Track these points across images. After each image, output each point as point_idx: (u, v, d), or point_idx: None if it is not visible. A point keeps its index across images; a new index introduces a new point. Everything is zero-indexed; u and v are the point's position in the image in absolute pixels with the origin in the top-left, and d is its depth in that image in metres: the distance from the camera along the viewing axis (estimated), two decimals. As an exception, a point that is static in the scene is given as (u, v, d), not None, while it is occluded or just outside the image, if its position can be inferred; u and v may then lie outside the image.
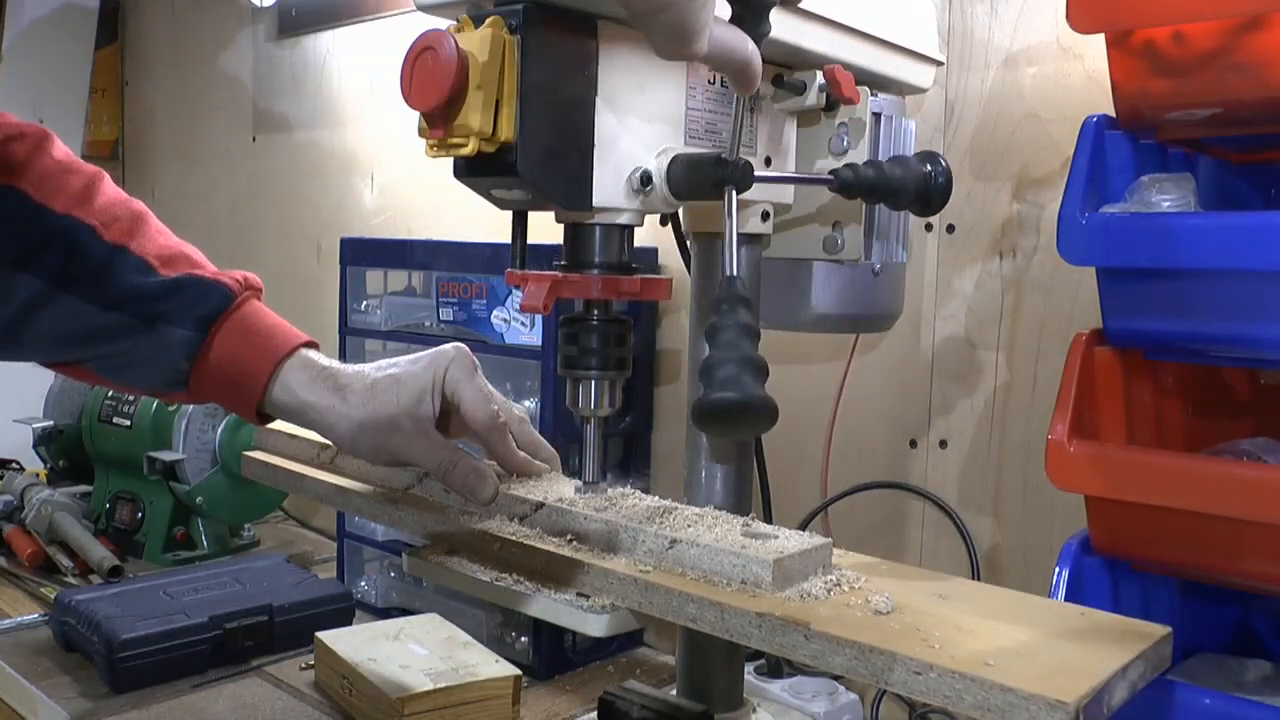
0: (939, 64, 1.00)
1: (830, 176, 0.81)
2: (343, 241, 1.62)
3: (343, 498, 0.91)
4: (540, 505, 0.80)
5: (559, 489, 0.83)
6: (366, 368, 0.86)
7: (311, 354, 0.87)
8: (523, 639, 1.35)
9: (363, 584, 1.58)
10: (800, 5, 0.78)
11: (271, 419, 0.89)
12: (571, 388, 0.81)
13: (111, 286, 0.84)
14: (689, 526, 0.73)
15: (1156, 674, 0.62)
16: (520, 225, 0.81)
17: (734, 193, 0.73)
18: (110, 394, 1.82)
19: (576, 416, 0.82)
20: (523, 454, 0.88)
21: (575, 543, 0.76)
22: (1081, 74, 1.11)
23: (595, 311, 0.80)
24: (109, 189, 0.87)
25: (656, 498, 0.81)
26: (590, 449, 0.82)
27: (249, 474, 1.02)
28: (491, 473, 0.81)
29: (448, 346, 0.87)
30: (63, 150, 0.87)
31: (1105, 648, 0.60)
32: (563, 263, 0.80)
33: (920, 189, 0.81)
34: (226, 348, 0.84)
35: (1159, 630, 0.63)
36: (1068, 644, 0.61)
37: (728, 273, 0.69)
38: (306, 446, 0.99)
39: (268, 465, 1.00)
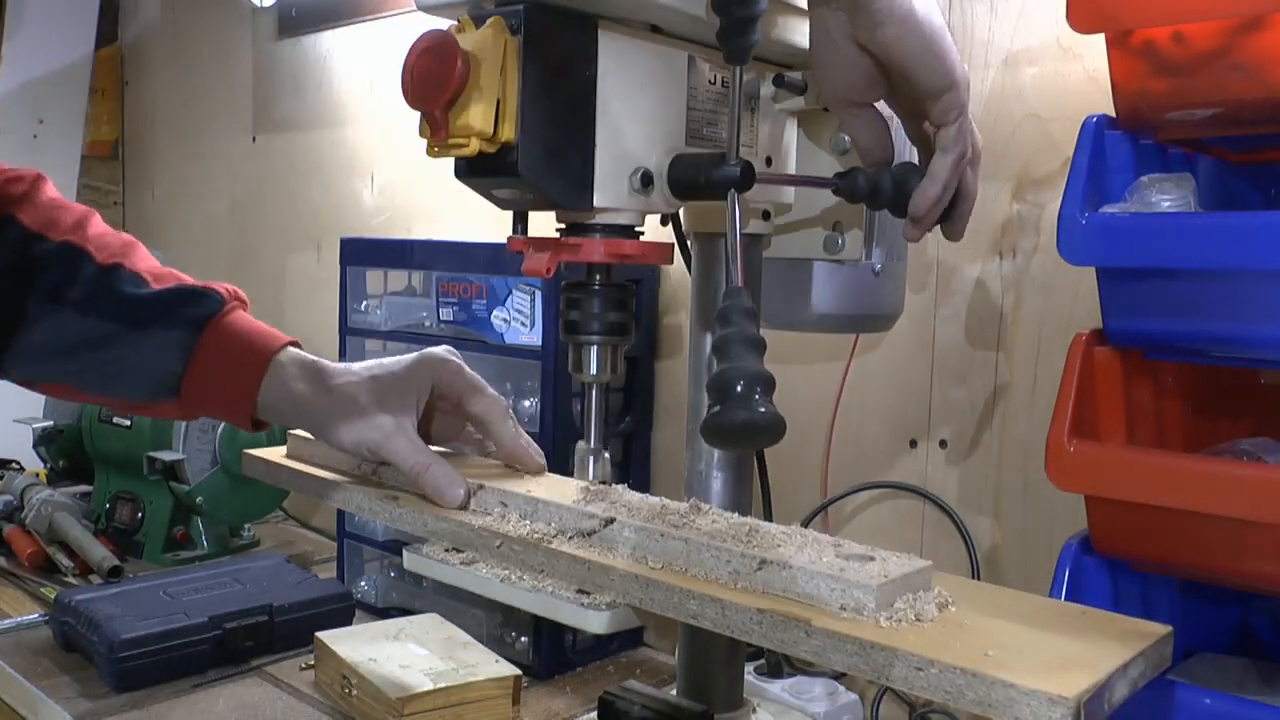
0: (939, 64, 1.00)
1: (835, 180, 0.80)
2: (343, 241, 1.62)
3: (342, 495, 0.91)
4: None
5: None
6: (354, 365, 0.89)
7: (297, 351, 0.90)
8: (523, 639, 1.35)
9: (363, 584, 1.58)
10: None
11: (264, 425, 0.90)
12: (574, 353, 0.82)
13: (106, 297, 0.88)
14: (778, 546, 0.69)
15: (1157, 673, 0.62)
16: (521, 226, 0.81)
17: (737, 197, 0.72)
18: (110, 394, 1.82)
19: (577, 383, 0.82)
20: (522, 440, 0.89)
21: (576, 540, 0.76)
22: (1081, 74, 1.11)
23: (597, 277, 0.80)
24: (99, 223, 0.93)
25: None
26: (592, 415, 0.82)
27: (249, 473, 1.02)
28: (463, 480, 0.82)
29: (433, 349, 0.90)
30: (55, 191, 0.94)
31: (1106, 646, 0.60)
32: (563, 226, 0.80)
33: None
34: (218, 349, 0.88)
35: (1160, 629, 0.63)
36: (1068, 642, 0.61)
37: (733, 283, 0.68)
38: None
39: (268, 464, 1.00)
